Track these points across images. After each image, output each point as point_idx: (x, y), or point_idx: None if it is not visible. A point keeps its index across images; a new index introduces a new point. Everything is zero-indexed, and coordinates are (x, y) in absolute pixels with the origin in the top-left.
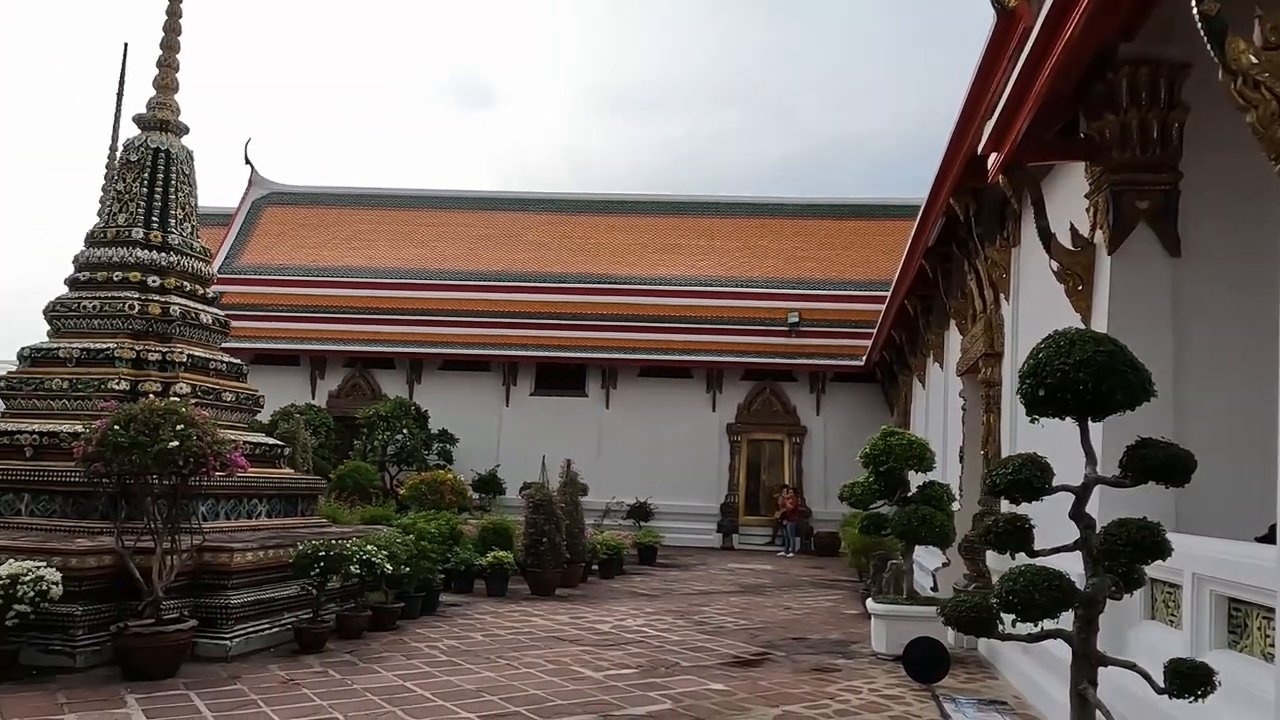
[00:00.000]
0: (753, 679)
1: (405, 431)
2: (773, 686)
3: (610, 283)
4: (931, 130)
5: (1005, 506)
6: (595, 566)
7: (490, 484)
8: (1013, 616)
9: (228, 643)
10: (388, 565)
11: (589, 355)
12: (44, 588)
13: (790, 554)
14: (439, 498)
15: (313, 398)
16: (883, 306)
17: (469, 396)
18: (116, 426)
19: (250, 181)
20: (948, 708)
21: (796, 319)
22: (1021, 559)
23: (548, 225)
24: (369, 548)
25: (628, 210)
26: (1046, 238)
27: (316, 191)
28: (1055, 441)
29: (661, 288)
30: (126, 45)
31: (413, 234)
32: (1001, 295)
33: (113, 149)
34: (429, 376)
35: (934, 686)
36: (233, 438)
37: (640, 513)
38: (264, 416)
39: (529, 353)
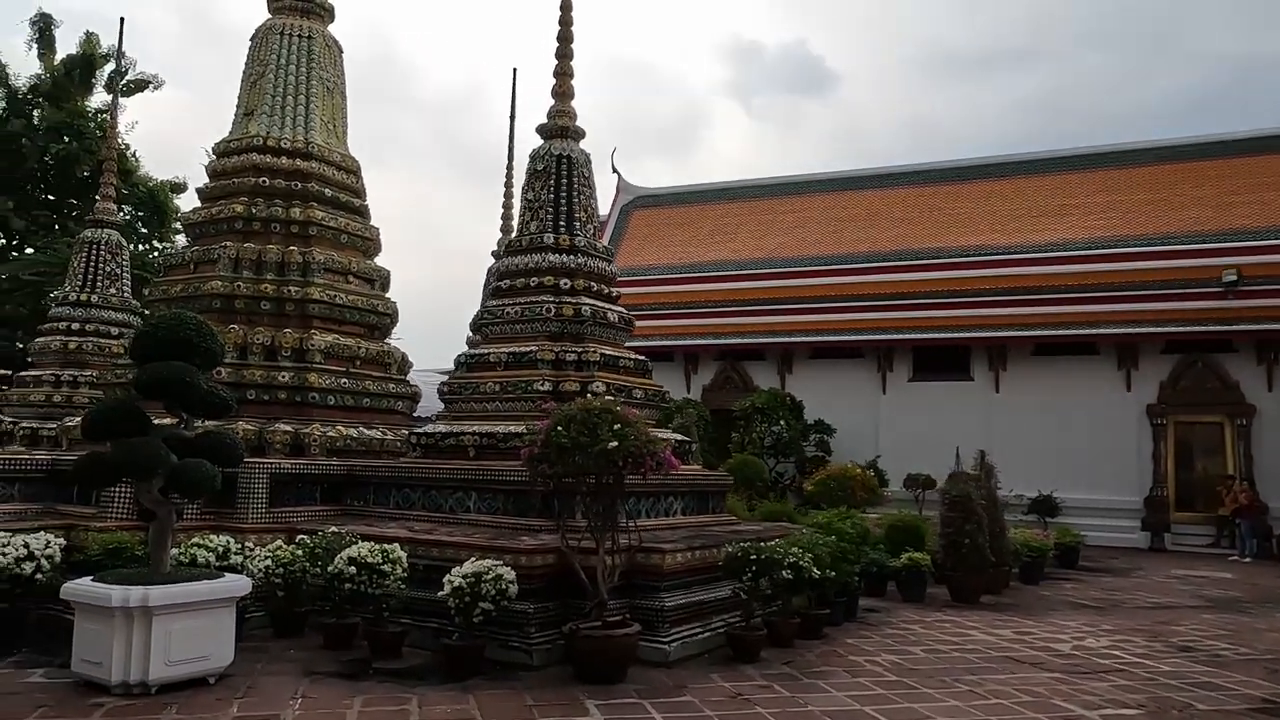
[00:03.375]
0: None
1: (782, 423)
2: None
3: (990, 254)
4: None
5: None
6: (1015, 570)
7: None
8: None
9: (666, 647)
10: (815, 569)
11: (973, 335)
12: (503, 586)
13: (1246, 558)
14: (848, 494)
15: (688, 392)
16: None
17: (842, 385)
18: (559, 428)
19: (618, 189)
20: None
21: (1234, 277)
22: None
23: (913, 199)
24: (794, 550)
25: (1002, 173)
26: None
27: (678, 191)
28: None
29: (1052, 254)
30: (515, 70)
31: (773, 222)
32: None
33: (510, 168)
34: (799, 366)
35: None
36: (662, 436)
37: (1045, 507)
38: None
39: (905, 336)
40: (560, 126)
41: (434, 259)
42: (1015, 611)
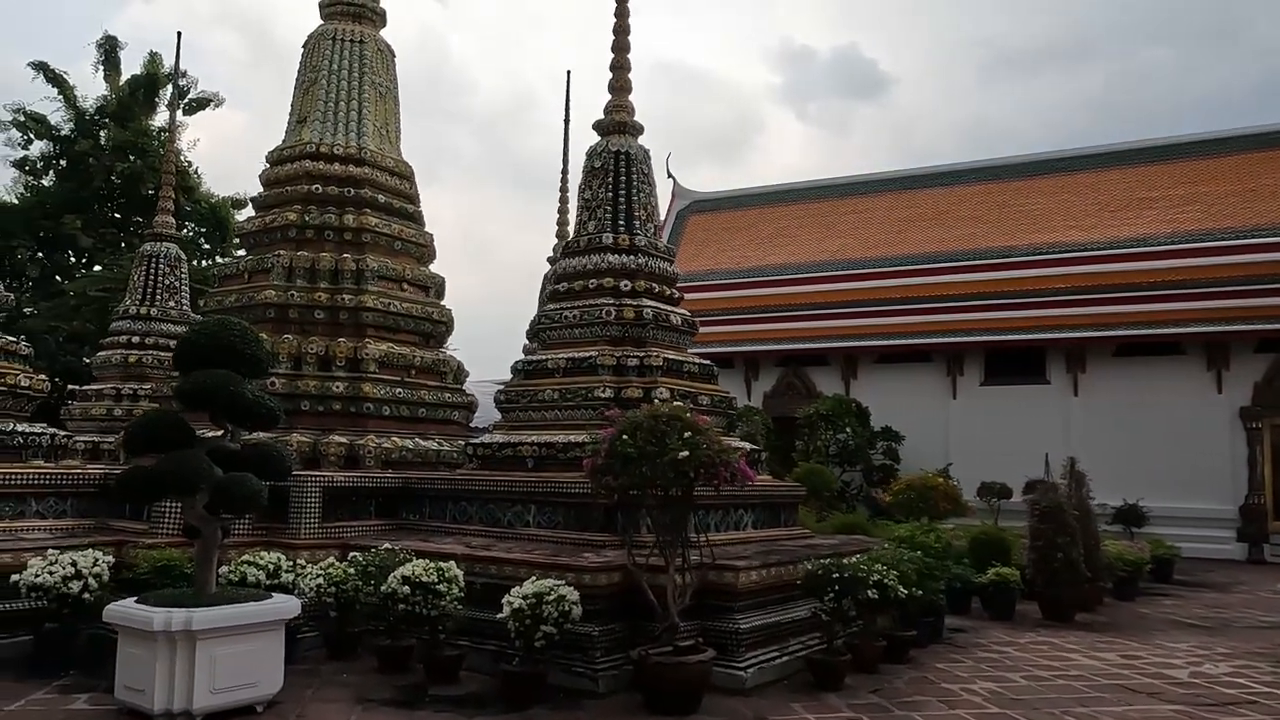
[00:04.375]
0: None
1: (848, 430)
2: None
3: (1065, 251)
4: None
5: None
6: (1108, 585)
7: None
8: None
9: (742, 673)
10: (901, 588)
11: (1048, 336)
12: (566, 608)
13: None
14: (930, 505)
15: (748, 399)
16: None
17: (910, 390)
18: (624, 436)
19: (673, 194)
20: None
21: None
22: None
23: (981, 196)
24: (877, 567)
25: (1075, 167)
26: None
27: (735, 194)
28: None
29: (1132, 250)
30: (569, 73)
31: (835, 224)
32: None
33: (565, 170)
34: (865, 371)
35: None
36: (736, 444)
37: (1130, 517)
38: None
39: (976, 338)
40: (618, 122)
41: (485, 271)
42: (1115, 631)
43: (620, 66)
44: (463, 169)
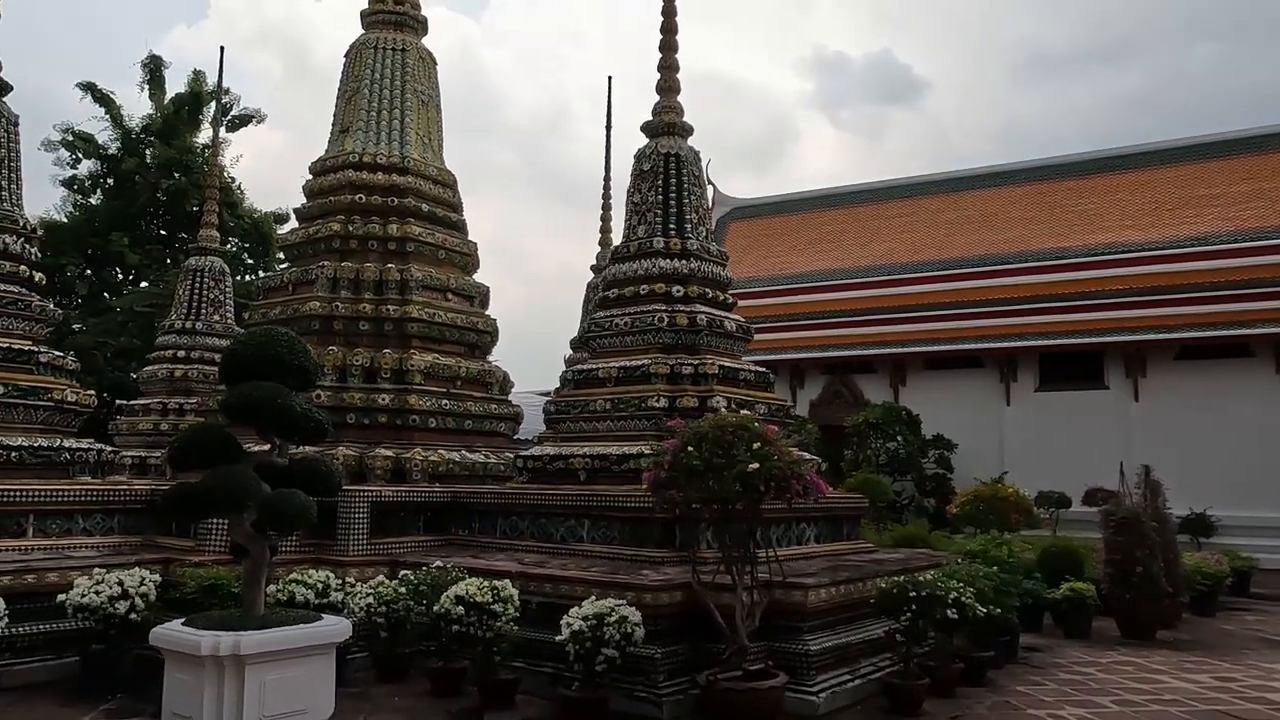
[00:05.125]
0: None
1: (898, 439)
2: None
3: (1122, 251)
4: None
5: None
6: (1185, 600)
7: None
8: None
9: (814, 698)
10: (979, 607)
11: (1106, 339)
12: (628, 630)
13: None
14: (1001, 517)
15: (794, 408)
16: None
17: (962, 397)
18: (689, 448)
19: (714, 200)
20: None
21: None
22: None
23: (1031, 197)
24: (954, 584)
25: (1129, 166)
26: None
27: (776, 200)
28: None
29: (1193, 249)
30: (610, 79)
31: (879, 228)
32: None
33: (607, 177)
34: (914, 377)
35: None
36: (806, 456)
37: (1197, 527)
38: None
39: (1030, 342)
40: (667, 123)
41: (521, 283)
42: (1201, 650)
43: (668, 67)
44: (499, 181)
